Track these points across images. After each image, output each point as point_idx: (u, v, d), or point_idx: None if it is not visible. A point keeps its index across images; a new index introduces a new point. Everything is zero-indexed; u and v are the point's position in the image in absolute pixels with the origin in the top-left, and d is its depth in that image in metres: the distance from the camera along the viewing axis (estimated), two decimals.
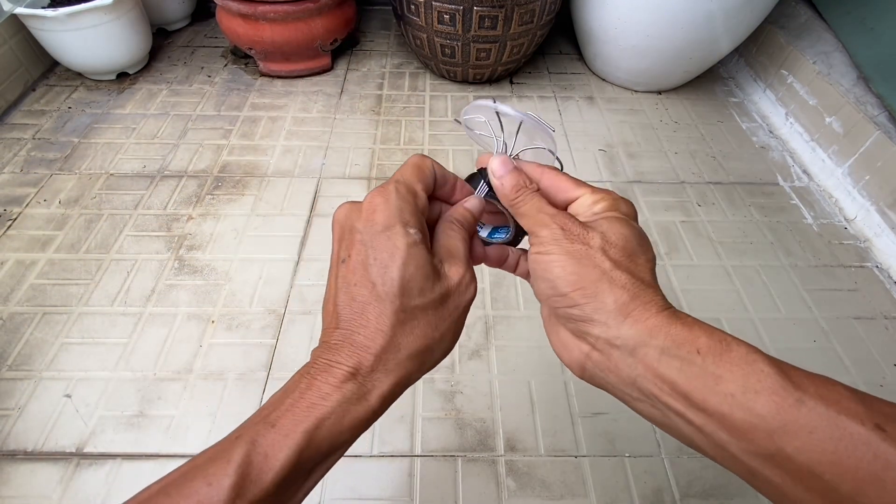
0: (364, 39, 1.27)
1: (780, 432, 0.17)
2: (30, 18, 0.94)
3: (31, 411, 0.59)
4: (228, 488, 0.18)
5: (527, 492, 0.55)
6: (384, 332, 0.21)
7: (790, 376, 0.18)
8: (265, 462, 0.19)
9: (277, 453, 0.19)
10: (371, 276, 0.21)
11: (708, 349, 0.19)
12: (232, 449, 0.19)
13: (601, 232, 0.23)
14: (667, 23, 0.93)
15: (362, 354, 0.21)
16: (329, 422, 0.20)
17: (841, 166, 0.89)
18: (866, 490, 0.16)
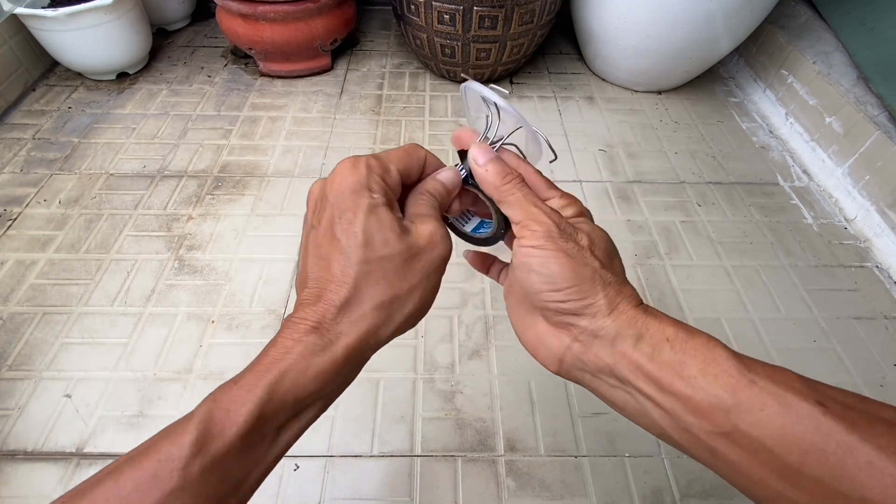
0: (364, 39, 1.27)
1: (735, 410, 0.19)
2: (30, 18, 0.94)
3: (31, 411, 0.59)
4: (189, 444, 0.18)
5: (527, 492, 0.55)
6: (347, 284, 0.21)
7: (744, 361, 0.20)
8: (227, 417, 0.19)
9: (240, 408, 0.19)
10: (336, 234, 0.22)
11: (675, 338, 0.22)
12: (195, 410, 0.19)
13: (586, 233, 0.24)
14: (667, 23, 0.93)
15: (326, 307, 0.21)
16: (292, 374, 0.20)
17: (841, 166, 0.89)
18: (810, 460, 0.17)
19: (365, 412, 0.60)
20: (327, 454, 0.57)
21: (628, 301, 0.23)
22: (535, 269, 0.23)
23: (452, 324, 0.69)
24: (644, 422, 0.23)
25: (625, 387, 0.23)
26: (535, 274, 0.23)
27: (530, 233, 0.24)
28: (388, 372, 0.64)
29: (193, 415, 0.19)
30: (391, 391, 0.62)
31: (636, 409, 0.22)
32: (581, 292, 0.23)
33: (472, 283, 0.73)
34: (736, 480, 0.20)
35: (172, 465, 0.17)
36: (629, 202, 0.87)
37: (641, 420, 0.23)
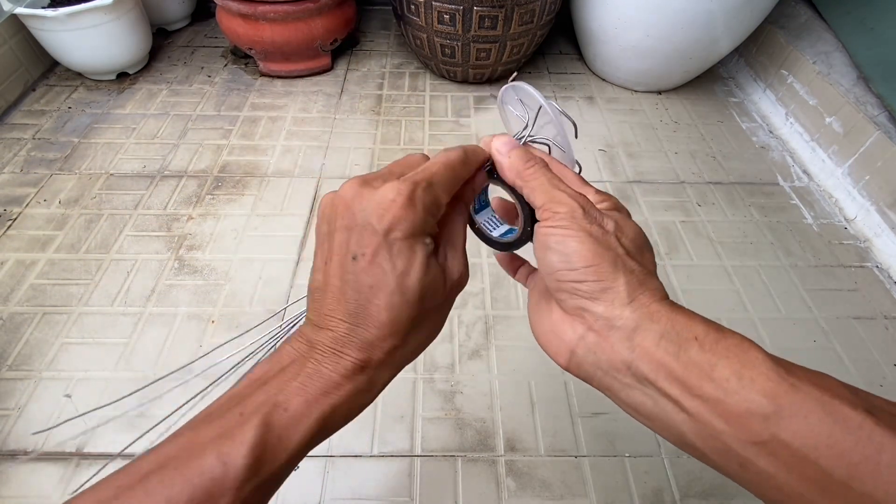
0: (364, 39, 1.27)
1: (775, 417, 0.17)
2: (30, 18, 0.94)
3: (31, 411, 0.59)
4: (244, 468, 0.18)
5: (527, 492, 0.55)
6: (399, 334, 0.22)
7: (782, 364, 0.18)
8: (279, 444, 0.19)
9: (292, 436, 0.20)
10: (388, 282, 0.21)
11: (704, 336, 0.20)
12: (245, 429, 0.19)
13: (615, 220, 0.23)
14: (667, 23, 0.93)
15: (373, 350, 0.22)
16: (341, 409, 0.21)
17: (841, 166, 0.89)
18: (860, 474, 0.16)
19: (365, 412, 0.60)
20: (327, 454, 0.57)
21: (652, 294, 0.22)
22: (551, 247, 0.22)
23: (452, 324, 0.69)
24: (662, 426, 0.21)
25: (643, 387, 0.21)
26: (552, 252, 0.22)
27: (552, 214, 0.23)
28: None
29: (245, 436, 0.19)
30: (391, 391, 0.62)
31: (654, 412, 0.21)
32: (599, 273, 0.21)
33: (473, 283, 0.73)
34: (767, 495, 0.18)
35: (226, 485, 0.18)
36: (629, 202, 0.87)
37: (659, 424, 0.21)
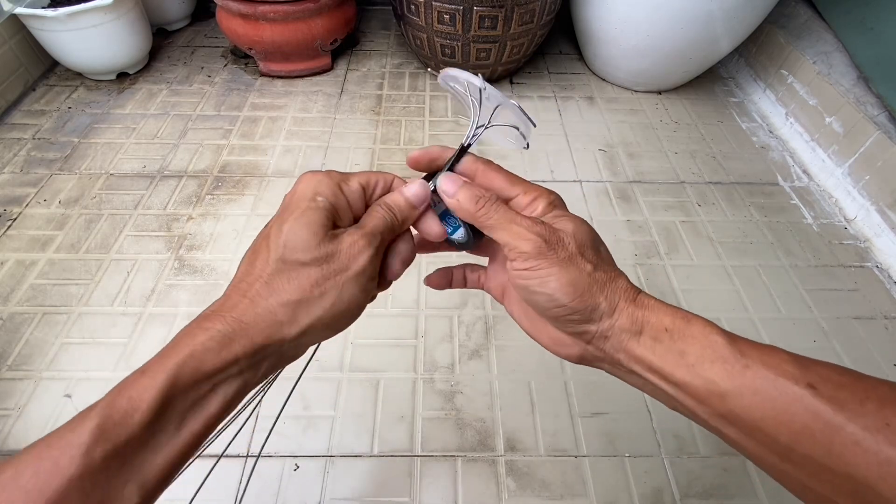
0: (364, 39, 1.27)
1: (730, 395, 0.20)
2: (30, 18, 0.94)
3: (31, 411, 0.59)
4: (90, 431, 0.18)
5: (527, 492, 0.55)
6: (262, 279, 0.23)
7: (739, 346, 0.21)
8: (130, 404, 0.19)
9: (142, 394, 0.19)
10: (270, 232, 0.24)
11: (672, 327, 0.23)
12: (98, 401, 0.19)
13: (570, 233, 0.24)
14: (667, 23, 0.93)
15: (237, 299, 0.23)
16: (193, 360, 0.20)
17: (841, 166, 0.89)
18: (800, 439, 0.19)
19: (365, 412, 0.60)
20: (327, 454, 0.57)
21: (624, 296, 0.24)
22: (536, 291, 0.24)
23: (452, 324, 0.69)
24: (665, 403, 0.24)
25: (635, 376, 0.24)
26: (538, 295, 0.24)
27: (520, 255, 0.24)
28: (388, 372, 0.64)
29: (96, 405, 0.19)
30: (391, 391, 0.62)
31: (653, 392, 0.24)
32: (583, 302, 0.23)
33: None
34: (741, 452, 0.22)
35: (73, 451, 0.17)
36: (629, 202, 0.87)
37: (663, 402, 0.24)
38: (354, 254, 0.23)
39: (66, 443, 0.18)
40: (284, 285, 0.22)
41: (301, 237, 0.22)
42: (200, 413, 0.21)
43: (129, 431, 0.19)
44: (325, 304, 0.23)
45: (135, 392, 0.19)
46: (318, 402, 0.60)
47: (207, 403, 0.21)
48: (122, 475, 0.19)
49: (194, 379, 0.20)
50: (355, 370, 0.64)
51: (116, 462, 0.18)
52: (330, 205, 0.24)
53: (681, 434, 0.59)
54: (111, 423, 0.18)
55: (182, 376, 0.20)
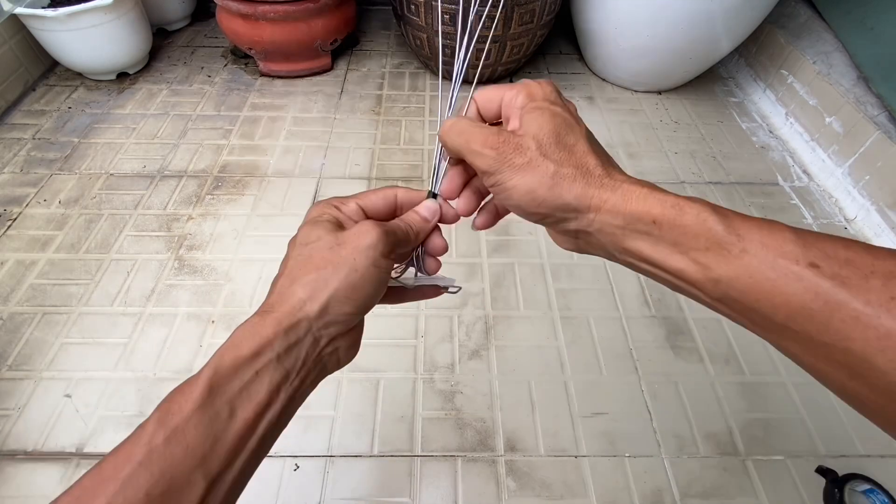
0: (364, 39, 1.27)
1: (724, 279, 0.20)
2: (30, 18, 0.94)
3: (31, 411, 0.59)
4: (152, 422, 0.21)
5: (527, 492, 0.55)
6: (285, 273, 0.25)
7: (736, 228, 0.20)
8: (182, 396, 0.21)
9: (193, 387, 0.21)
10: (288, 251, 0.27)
11: (663, 218, 0.22)
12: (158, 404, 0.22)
13: (531, 134, 0.24)
14: (667, 23, 0.93)
15: (268, 298, 0.25)
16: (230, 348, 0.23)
17: (841, 166, 0.89)
18: (796, 317, 0.19)
19: (365, 412, 0.60)
20: (327, 454, 0.57)
21: (602, 190, 0.23)
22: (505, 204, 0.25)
23: (452, 324, 0.69)
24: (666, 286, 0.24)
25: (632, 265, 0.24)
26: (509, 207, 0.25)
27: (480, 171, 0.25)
28: (388, 372, 0.64)
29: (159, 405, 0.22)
30: (391, 391, 0.62)
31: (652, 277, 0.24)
32: (548, 205, 0.23)
33: (472, 283, 0.73)
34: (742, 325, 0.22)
35: (141, 441, 0.20)
36: None
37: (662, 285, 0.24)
38: (364, 231, 0.25)
39: (136, 436, 0.20)
40: (301, 269, 0.25)
41: (314, 233, 0.25)
42: (249, 400, 0.22)
43: (185, 416, 0.21)
44: (339, 276, 0.24)
45: (186, 387, 0.22)
46: (318, 402, 0.60)
47: (255, 390, 0.22)
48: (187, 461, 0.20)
49: (234, 365, 0.22)
50: (355, 370, 0.64)
51: (179, 449, 0.20)
52: (334, 218, 0.27)
53: (681, 434, 0.59)
54: (168, 413, 0.21)
55: (223, 364, 0.22)
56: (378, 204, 0.29)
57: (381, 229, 0.25)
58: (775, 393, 0.63)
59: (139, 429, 0.21)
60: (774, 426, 0.60)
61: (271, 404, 0.23)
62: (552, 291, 0.73)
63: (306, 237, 0.25)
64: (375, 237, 0.25)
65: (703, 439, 0.59)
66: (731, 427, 0.60)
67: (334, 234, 0.25)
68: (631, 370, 0.65)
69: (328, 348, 0.25)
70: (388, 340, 0.67)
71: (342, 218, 0.27)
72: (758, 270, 0.19)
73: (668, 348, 0.67)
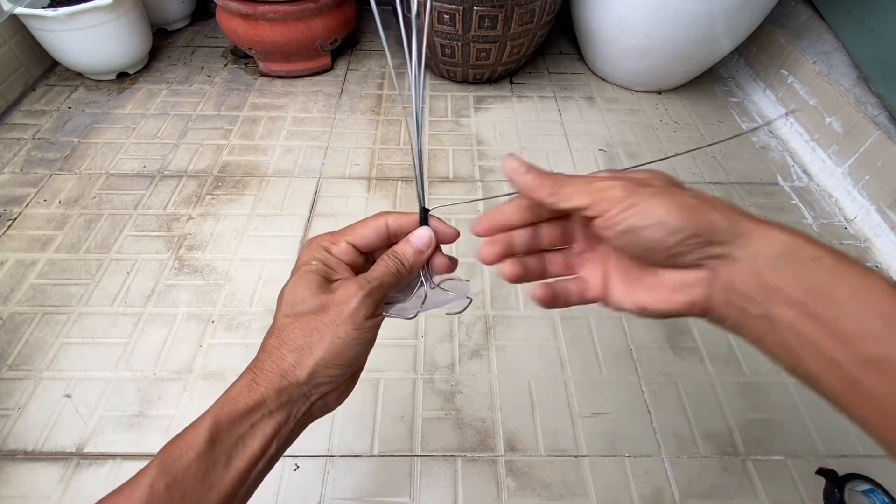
0: (364, 39, 1.27)
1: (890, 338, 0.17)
2: (30, 18, 0.94)
3: (31, 411, 0.59)
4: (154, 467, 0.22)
5: (527, 492, 0.55)
6: (275, 334, 0.26)
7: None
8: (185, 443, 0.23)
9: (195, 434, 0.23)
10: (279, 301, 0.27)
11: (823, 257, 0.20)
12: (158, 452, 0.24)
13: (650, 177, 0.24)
14: (667, 23, 0.93)
15: (260, 353, 0.26)
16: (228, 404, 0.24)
17: (841, 166, 0.89)
18: None
19: (365, 412, 0.60)
20: (327, 454, 0.57)
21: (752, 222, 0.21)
22: (641, 225, 0.22)
23: (452, 324, 0.69)
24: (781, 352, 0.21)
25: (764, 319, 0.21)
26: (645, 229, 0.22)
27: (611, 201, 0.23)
28: (388, 372, 0.64)
29: (158, 452, 0.23)
30: (391, 391, 0.62)
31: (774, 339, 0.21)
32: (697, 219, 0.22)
33: (472, 283, 0.73)
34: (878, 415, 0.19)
35: (142, 486, 0.22)
36: None
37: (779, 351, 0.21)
38: (347, 297, 0.26)
39: (136, 481, 0.22)
40: (290, 335, 0.26)
41: (299, 294, 0.26)
42: (244, 450, 0.24)
43: (186, 464, 0.22)
44: (323, 344, 0.25)
45: (188, 434, 0.23)
46: None
47: (249, 441, 0.24)
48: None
49: (231, 418, 0.24)
50: None
51: (177, 495, 0.22)
52: (322, 266, 0.27)
53: (681, 434, 0.59)
54: (170, 459, 0.22)
55: (222, 416, 0.24)
56: (369, 238, 0.29)
57: (364, 292, 0.26)
58: (775, 393, 0.63)
59: (141, 474, 0.22)
60: (774, 426, 0.60)
61: (263, 454, 0.25)
62: None
63: (293, 296, 0.26)
64: (358, 302, 0.26)
65: (703, 439, 0.59)
66: (731, 427, 0.60)
67: (319, 295, 0.26)
68: (631, 370, 0.65)
69: (318, 402, 0.27)
70: (388, 340, 0.67)
71: (332, 264, 0.27)
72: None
73: (668, 348, 0.67)
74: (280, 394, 0.25)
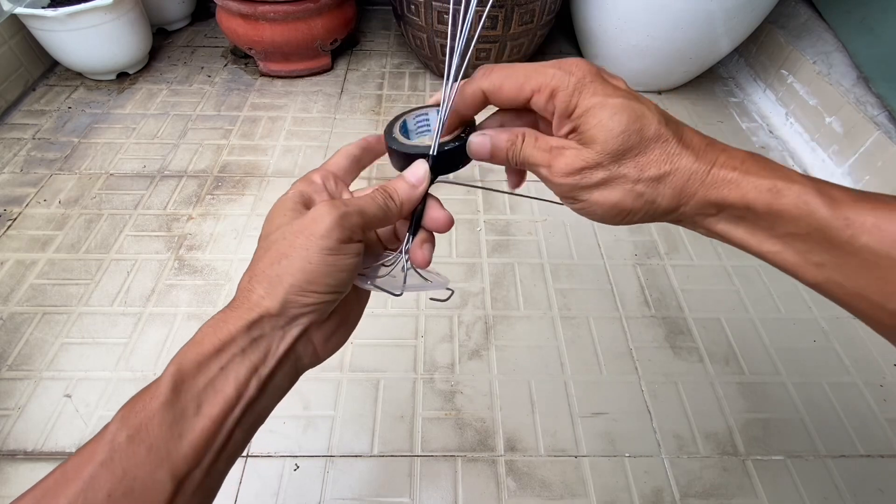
0: (364, 39, 1.27)
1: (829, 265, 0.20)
2: (30, 18, 0.94)
3: (31, 411, 0.59)
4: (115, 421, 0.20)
5: (527, 492, 0.55)
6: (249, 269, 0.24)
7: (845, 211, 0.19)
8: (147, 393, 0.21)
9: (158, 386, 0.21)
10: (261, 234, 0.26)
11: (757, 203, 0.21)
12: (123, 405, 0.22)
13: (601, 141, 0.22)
14: (667, 23, 0.93)
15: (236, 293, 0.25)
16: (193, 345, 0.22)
17: (841, 166, 0.89)
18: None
19: (365, 412, 0.60)
20: (327, 454, 0.57)
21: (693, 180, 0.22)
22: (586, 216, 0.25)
23: (452, 324, 0.69)
24: None
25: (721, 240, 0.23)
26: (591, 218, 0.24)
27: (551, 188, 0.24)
28: (388, 372, 0.64)
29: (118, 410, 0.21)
30: (391, 391, 0.62)
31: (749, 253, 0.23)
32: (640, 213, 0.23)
33: (472, 282, 0.73)
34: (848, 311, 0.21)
35: (103, 440, 0.20)
36: None
37: None
38: (318, 217, 0.23)
39: (99, 435, 0.20)
40: (260, 265, 0.24)
41: (275, 219, 0.24)
42: (215, 395, 0.22)
43: (149, 414, 0.20)
44: (293, 269, 0.23)
45: (151, 386, 0.21)
46: (318, 402, 0.60)
47: (220, 385, 0.22)
48: (150, 459, 0.20)
49: (197, 361, 0.22)
50: (355, 370, 0.64)
51: (142, 447, 0.20)
52: (298, 192, 0.26)
53: (681, 434, 0.59)
54: (132, 412, 0.20)
55: (186, 361, 0.22)
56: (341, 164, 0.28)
57: (337, 213, 0.23)
58: (775, 393, 0.63)
59: (103, 429, 0.20)
60: (774, 426, 0.60)
61: (240, 398, 0.22)
62: (552, 291, 0.73)
63: (270, 223, 0.25)
64: (329, 223, 0.23)
65: (703, 439, 0.59)
66: (731, 427, 0.60)
67: (293, 220, 0.24)
68: (631, 370, 0.65)
69: (301, 340, 0.24)
70: (388, 340, 0.67)
71: (311, 192, 0.26)
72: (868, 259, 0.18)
73: (668, 348, 0.67)
74: (251, 328, 0.23)
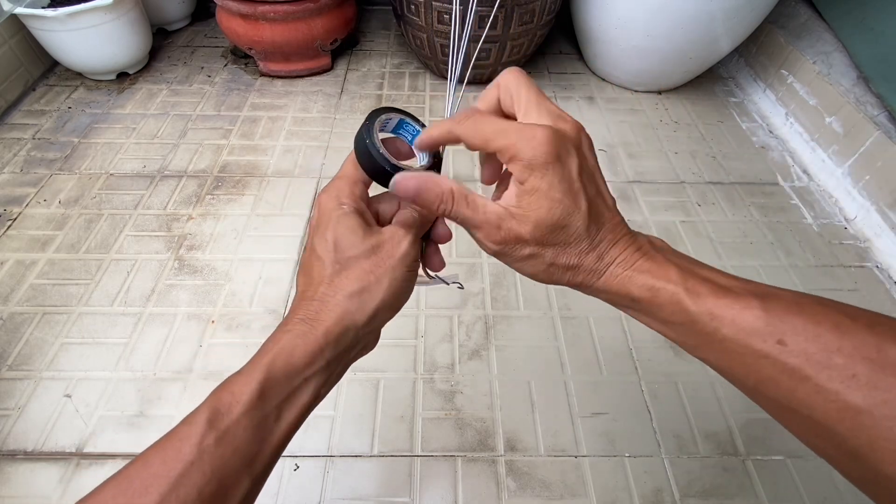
0: (364, 39, 1.27)
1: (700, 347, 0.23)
2: (30, 18, 0.94)
3: (31, 411, 0.59)
4: (203, 422, 0.21)
5: (527, 492, 0.55)
6: (324, 282, 0.25)
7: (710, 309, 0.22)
8: (233, 397, 0.22)
9: (243, 388, 0.22)
10: (315, 247, 0.26)
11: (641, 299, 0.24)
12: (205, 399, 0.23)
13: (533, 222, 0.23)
14: (667, 23, 0.93)
15: (309, 303, 0.25)
16: (283, 355, 0.23)
17: (841, 166, 0.89)
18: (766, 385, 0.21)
19: (365, 412, 0.60)
20: (327, 454, 0.57)
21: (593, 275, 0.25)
22: None
23: (452, 324, 0.69)
24: None
25: None
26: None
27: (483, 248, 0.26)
28: (388, 372, 0.64)
29: (205, 402, 0.22)
30: (391, 391, 0.62)
31: None
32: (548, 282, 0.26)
33: (473, 283, 0.73)
34: None
35: (191, 440, 0.21)
36: (629, 202, 0.87)
37: None
38: (397, 240, 0.26)
39: (185, 434, 0.21)
40: (345, 281, 0.25)
41: (346, 238, 0.25)
42: (295, 404, 0.24)
43: (235, 419, 0.21)
44: (383, 286, 0.25)
45: (235, 387, 0.22)
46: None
47: (301, 394, 0.24)
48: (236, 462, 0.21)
49: (286, 372, 0.23)
50: (355, 370, 0.64)
51: (227, 449, 0.21)
52: (355, 209, 0.27)
53: (681, 434, 0.59)
54: (219, 414, 0.21)
55: (275, 371, 0.23)
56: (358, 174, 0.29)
57: (413, 234, 0.26)
58: None
59: (187, 426, 0.21)
60: (774, 426, 0.60)
61: (312, 406, 0.24)
62: (552, 291, 0.73)
63: (339, 242, 0.25)
64: (409, 244, 0.26)
65: (703, 439, 0.59)
66: (731, 427, 0.60)
67: (368, 238, 0.26)
68: (631, 370, 0.65)
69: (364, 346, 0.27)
70: (388, 340, 0.67)
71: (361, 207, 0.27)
72: (729, 347, 0.21)
73: (668, 348, 0.67)
74: (339, 342, 0.24)
